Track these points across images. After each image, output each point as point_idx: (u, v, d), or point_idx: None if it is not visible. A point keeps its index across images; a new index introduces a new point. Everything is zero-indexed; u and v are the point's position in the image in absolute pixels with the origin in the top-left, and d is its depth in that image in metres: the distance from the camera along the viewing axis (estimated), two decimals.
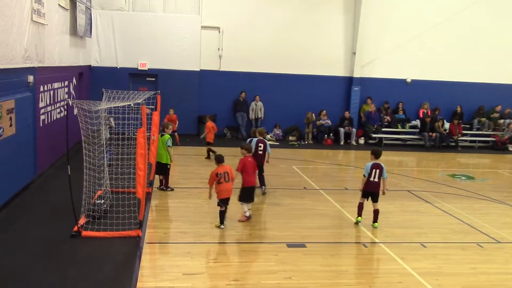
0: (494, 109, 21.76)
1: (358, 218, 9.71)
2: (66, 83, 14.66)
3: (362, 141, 20.51)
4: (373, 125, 20.46)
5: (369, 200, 9.64)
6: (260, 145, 11.61)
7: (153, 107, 11.52)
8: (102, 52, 19.33)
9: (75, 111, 10.32)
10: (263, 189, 11.67)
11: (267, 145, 11.75)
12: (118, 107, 10.09)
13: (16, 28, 9.96)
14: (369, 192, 9.58)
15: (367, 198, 9.66)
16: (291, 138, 20.20)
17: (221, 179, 8.98)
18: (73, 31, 15.37)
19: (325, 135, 20.14)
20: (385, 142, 20.33)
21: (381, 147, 18.31)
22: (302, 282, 7.03)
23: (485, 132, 21.31)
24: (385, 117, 20.78)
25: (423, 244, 8.79)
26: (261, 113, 20.30)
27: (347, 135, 20.27)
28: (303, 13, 20.33)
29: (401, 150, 19.35)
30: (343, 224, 9.88)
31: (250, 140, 11.72)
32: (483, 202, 12.09)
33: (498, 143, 20.85)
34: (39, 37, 11.63)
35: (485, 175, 15.65)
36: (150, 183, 11.31)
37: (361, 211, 9.71)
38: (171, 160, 11.31)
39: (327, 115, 20.32)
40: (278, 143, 19.33)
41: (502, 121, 21.37)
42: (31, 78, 10.97)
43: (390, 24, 20.80)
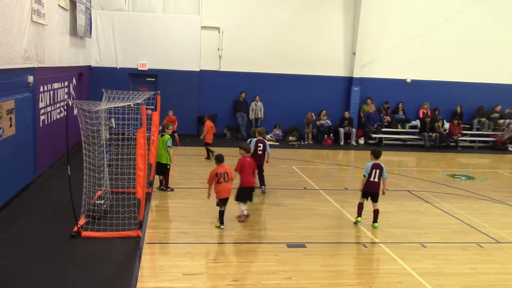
0: (494, 109, 21.77)
1: (358, 218, 9.72)
2: (66, 83, 14.66)
3: (362, 141, 20.51)
4: (373, 125, 20.46)
5: (369, 200, 9.65)
6: (259, 145, 11.61)
7: (153, 107, 11.51)
8: (102, 52, 19.33)
9: (75, 112, 10.33)
10: (263, 188, 11.67)
11: (266, 145, 11.75)
12: (118, 107, 10.08)
13: (16, 29, 9.96)
14: (369, 192, 9.59)
15: (366, 198, 9.67)
16: (291, 138, 20.20)
17: (220, 179, 8.98)
18: (73, 31, 15.37)
19: (325, 135, 20.13)
20: (385, 142, 20.34)
21: (381, 147, 18.31)
22: (302, 282, 7.04)
23: (485, 132, 21.31)
24: (385, 117, 20.78)
25: (423, 244, 8.79)
26: (261, 113, 20.30)
27: (347, 135, 20.27)
28: (303, 13, 20.33)
29: (401, 150, 19.35)
30: (343, 224, 9.88)
31: (250, 140, 11.73)
32: (483, 202, 12.09)
33: (498, 143, 20.85)
34: (39, 37, 11.63)
35: (485, 175, 15.64)
36: (150, 184, 11.32)
37: (360, 211, 9.72)
38: (170, 160, 11.31)
39: (327, 115, 20.33)
40: (278, 143, 19.33)
41: (502, 121, 21.38)
42: (31, 79, 10.97)
43: (390, 24, 20.80)
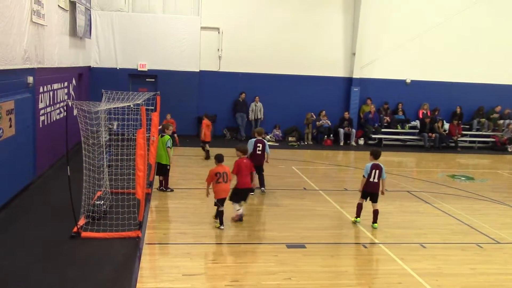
0: (494, 110, 21.77)
1: (357, 219, 9.72)
2: (66, 84, 14.66)
3: (361, 141, 20.50)
4: (373, 125, 20.47)
5: (369, 201, 9.65)
6: (258, 145, 11.59)
7: (152, 107, 11.51)
8: (101, 53, 19.34)
9: (74, 112, 10.34)
10: (262, 190, 11.67)
11: (266, 145, 11.74)
12: (117, 108, 10.08)
13: (15, 29, 9.96)
14: (368, 193, 9.60)
15: (366, 199, 9.67)
16: (290, 138, 20.20)
17: (219, 179, 8.98)
18: (73, 32, 15.37)
19: (324, 135, 20.13)
20: (384, 142, 20.33)
21: (380, 147, 18.31)
22: (302, 283, 7.03)
23: (484, 133, 21.31)
24: (384, 117, 20.79)
25: (422, 244, 8.79)
26: (261, 114, 20.30)
27: (347, 135, 20.27)
28: (302, 13, 20.34)
29: (400, 151, 19.34)
30: (342, 225, 9.87)
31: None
32: (482, 202, 12.09)
33: (498, 144, 20.85)
34: (38, 38, 11.63)
35: (484, 175, 15.65)
36: (150, 184, 11.32)
37: (359, 211, 9.72)
38: (170, 161, 11.31)
39: (326, 115, 20.34)
40: (278, 144, 19.34)
41: (502, 121, 21.38)
42: (30, 79, 10.97)
43: (390, 24, 20.81)
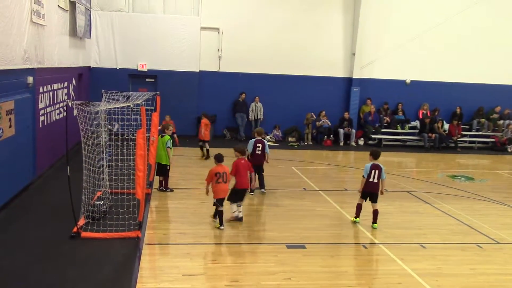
0: (494, 110, 21.76)
1: (356, 219, 9.73)
2: (66, 84, 14.66)
3: (361, 142, 20.50)
4: (373, 126, 20.46)
5: (368, 201, 9.64)
6: (258, 145, 11.59)
7: (152, 108, 11.51)
8: (101, 53, 19.33)
9: (74, 112, 10.34)
10: (262, 191, 11.66)
11: (265, 145, 11.73)
12: (117, 108, 10.08)
13: (15, 29, 9.96)
14: (368, 193, 9.60)
15: (366, 199, 9.67)
16: (290, 139, 20.20)
17: (219, 179, 8.99)
18: (73, 32, 15.37)
19: (324, 136, 20.13)
20: (384, 143, 20.32)
21: (380, 148, 18.32)
22: (301, 283, 7.03)
23: (484, 133, 21.31)
24: (384, 118, 20.78)
25: (422, 245, 8.79)
26: (261, 114, 20.29)
27: (347, 136, 20.26)
28: (302, 13, 20.34)
29: (400, 151, 19.34)
30: (342, 225, 9.87)
31: None
32: (482, 203, 12.09)
33: (498, 144, 20.85)
34: (38, 38, 11.63)
35: (484, 176, 15.65)
36: (150, 184, 11.32)
37: (359, 212, 9.72)
38: (170, 161, 11.30)
39: (326, 116, 20.33)
40: (278, 144, 19.34)
41: (502, 122, 21.37)
42: (30, 79, 10.97)
43: (390, 24, 20.81)
